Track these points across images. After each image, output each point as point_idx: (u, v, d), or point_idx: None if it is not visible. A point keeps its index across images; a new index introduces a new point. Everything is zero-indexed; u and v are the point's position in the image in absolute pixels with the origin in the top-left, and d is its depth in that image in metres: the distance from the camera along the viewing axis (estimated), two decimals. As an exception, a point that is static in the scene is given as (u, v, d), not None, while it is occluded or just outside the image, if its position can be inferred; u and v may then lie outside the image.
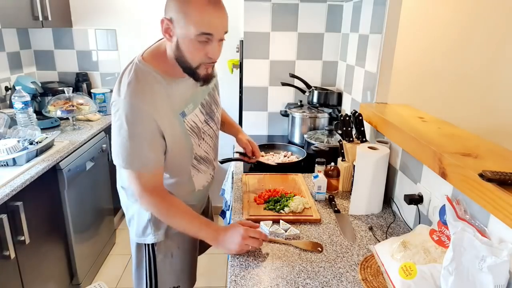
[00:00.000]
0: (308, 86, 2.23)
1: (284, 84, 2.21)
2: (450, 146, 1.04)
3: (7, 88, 2.42)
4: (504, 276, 0.80)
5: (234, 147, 2.14)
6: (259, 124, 2.38)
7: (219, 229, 1.15)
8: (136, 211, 1.31)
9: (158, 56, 1.13)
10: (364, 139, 1.52)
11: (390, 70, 1.60)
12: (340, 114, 1.95)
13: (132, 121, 1.05)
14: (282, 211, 1.34)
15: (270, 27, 2.19)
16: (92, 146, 2.22)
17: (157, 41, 1.20)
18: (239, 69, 2.34)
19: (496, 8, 2.19)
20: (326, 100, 2.18)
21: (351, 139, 1.52)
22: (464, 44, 2.24)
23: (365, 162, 1.33)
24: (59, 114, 2.28)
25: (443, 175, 0.98)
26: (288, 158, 1.86)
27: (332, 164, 1.56)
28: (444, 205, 0.99)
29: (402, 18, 1.53)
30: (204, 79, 1.13)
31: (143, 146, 1.09)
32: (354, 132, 1.55)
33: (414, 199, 1.21)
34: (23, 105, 2.03)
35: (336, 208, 1.39)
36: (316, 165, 1.58)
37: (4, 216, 1.45)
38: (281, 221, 1.27)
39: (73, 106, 2.31)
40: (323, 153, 1.72)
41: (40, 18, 2.25)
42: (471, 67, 2.28)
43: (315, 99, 2.19)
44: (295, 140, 2.19)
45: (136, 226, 1.32)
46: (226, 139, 2.08)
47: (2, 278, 1.48)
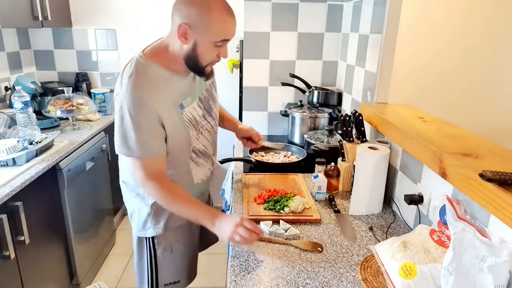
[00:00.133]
0: (308, 86, 2.23)
1: (284, 84, 2.21)
2: (450, 146, 1.04)
3: (7, 88, 2.41)
4: (504, 276, 0.80)
5: (234, 147, 2.14)
6: (259, 124, 2.38)
7: (218, 214, 1.18)
8: (136, 205, 1.36)
9: (158, 52, 1.20)
10: (364, 139, 1.52)
11: (390, 70, 1.60)
12: (340, 114, 1.94)
13: (134, 111, 1.11)
14: (282, 211, 1.34)
15: (270, 27, 2.19)
16: (92, 146, 2.22)
17: (156, 40, 1.26)
18: (239, 69, 2.34)
19: (496, 7, 2.19)
20: (326, 100, 2.18)
21: (351, 139, 1.52)
22: (464, 43, 2.23)
23: (365, 162, 1.33)
24: (59, 114, 2.28)
25: (443, 175, 0.98)
26: (288, 158, 1.86)
27: (332, 164, 1.56)
28: (444, 205, 0.99)
29: (402, 18, 1.53)
30: (208, 75, 1.24)
31: (146, 135, 1.14)
32: (354, 132, 1.55)
33: (414, 199, 1.21)
34: (23, 105, 2.03)
35: (336, 208, 1.39)
36: (316, 165, 1.58)
37: (4, 216, 1.44)
38: (281, 221, 1.27)
39: (73, 106, 2.31)
40: (323, 153, 1.72)
41: (40, 18, 2.25)
42: (471, 67, 2.28)
43: (315, 99, 2.19)
44: (295, 140, 2.19)
45: (137, 220, 1.36)
46: (226, 139, 2.08)
47: (2, 278, 1.48)
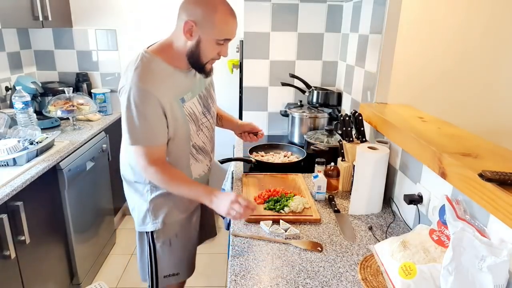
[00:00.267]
0: (308, 86, 2.23)
1: (284, 84, 2.21)
2: (450, 146, 1.04)
3: (7, 88, 2.42)
4: (503, 276, 0.80)
5: (234, 147, 2.14)
6: (259, 124, 2.35)
7: (215, 192, 1.27)
8: (136, 202, 1.42)
9: (163, 49, 1.28)
10: (364, 139, 1.52)
11: (390, 70, 1.60)
12: (340, 114, 1.95)
13: (140, 101, 1.18)
14: (282, 211, 1.34)
15: (270, 27, 2.19)
16: (92, 146, 2.22)
17: (160, 40, 1.32)
18: (239, 69, 2.34)
19: (497, 8, 2.19)
20: (326, 100, 2.18)
21: (351, 139, 1.53)
22: (464, 43, 2.23)
23: (365, 162, 1.33)
24: (59, 114, 2.28)
25: (443, 175, 0.98)
26: (288, 158, 1.86)
27: (332, 164, 1.56)
28: (443, 205, 0.99)
29: (402, 18, 1.53)
30: (207, 73, 1.31)
31: (150, 124, 1.21)
32: (354, 132, 1.55)
33: (414, 199, 1.22)
34: (23, 105, 2.03)
35: (336, 208, 1.40)
36: (316, 165, 1.59)
37: (4, 216, 1.45)
38: (281, 221, 1.27)
39: (73, 106, 2.31)
40: (323, 153, 1.72)
41: (40, 18, 2.25)
42: (471, 67, 2.28)
43: (315, 99, 2.19)
44: (295, 140, 2.20)
45: (137, 216, 1.43)
46: (226, 139, 2.08)
47: (2, 278, 1.48)
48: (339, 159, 1.59)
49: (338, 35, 2.24)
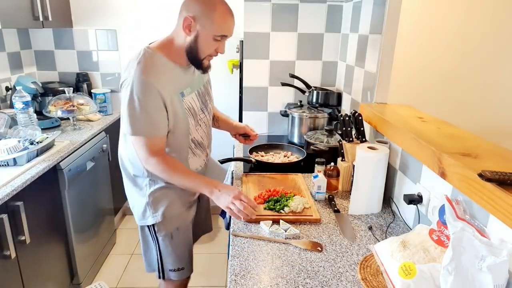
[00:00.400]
0: (308, 86, 2.23)
1: (284, 84, 2.21)
2: (450, 146, 1.04)
3: (7, 88, 2.42)
4: (503, 276, 0.80)
5: (234, 147, 2.14)
6: (259, 124, 2.38)
7: (217, 184, 1.32)
8: (135, 196, 1.46)
9: (164, 45, 1.33)
10: (363, 139, 1.52)
11: (390, 70, 1.60)
12: (340, 114, 1.95)
13: (142, 94, 1.22)
14: (282, 210, 1.34)
15: (270, 27, 2.19)
16: (92, 146, 2.22)
17: (161, 37, 1.37)
18: (239, 69, 2.34)
19: (497, 8, 2.20)
20: (326, 100, 2.18)
21: (351, 139, 1.53)
22: (464, 44, 2.24)
23: (364, 162, 1.33)
24: (59, 114, 2.28)
25: (443, 175, 0.98)
26: (288, 158, 1.87)
27: (332, 164, 1.56)
28: (443, 205, 0.99)
29: (402, 18, 1.53)
30: (205, 68, 1.36)
31: (152, 116, 1.25)
32: (353, 132, 1.55)
33: (414, 199, 1.22)
34: (23, 105, 2.04)
35: (335, 208, 1.40)
36: (316, 165, 1.59)
37: (4, 216, 1.45)
38: (281, 221, 1.27)
39: (73, 106, 2.31)
40: (322, 153, 1.72)
41: (41, 18, 2.25)
42: (471, 67, 2.29)
43: (315, 99, 2.19)
44: (295, 140, 2.20)
45: (137, 211, 1.46)
46: (226, 139, 2.08)
47: (2, 278, 1.48)
48: (339, 159, 1.60)
49: (338, 35, 2.24)
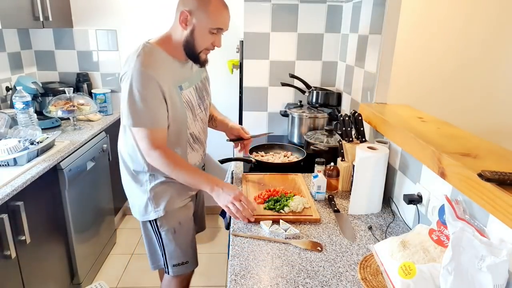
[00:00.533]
0: (308, 86, 2.24)
1: (284, 84, 2.22)
2: (450, 146, 1.04)
3: (8, 88, 2.42)
4: (503, 275, 0.80)
5: (234, 146, 2.14)
6: (259, 124, 2.38)
7: (218, 182, 1.34)
8: (136, 192, 1.46)
9: (162, 41, 1.36)
10: (363, 139, 1.52)
11: (390, 70, 1.60)
12: (339, 114, 1.95)
13: (142, 85, 1.24)
14: (282, 210, 1.34)
15: (270, 28, 2.19)
16: (92, 146, 2.23)
17: (160, 33, 1.40)
18: (239, 69, 2.34)
19: (496, 8, 2.20)
20: (326, 100, 2.19)
21: (351, 139, 1.53)
22: (463, 44, 2.24)
23: (364, 162, 1.33)
24: (60, 114, 2.28)
25: (442, 175, 0.99)
26: (288, 158, 1.87)
27: (332, 164, 1.56)
28: (443, 204, 0.99)
29: (402, 18, 1.54)
30: (202, 62, 1.39)
31: (152, 106, 1.27)
32: (353, 132, 1.55)
33: (414, 199, 1.22)
34: (24, 105, 2.04)
35: (335, 208, 1.40)
36: (315, 165, 1.59)
37: (5, 216, 1.45)
38: (281, 220, 1.27)
39: (73, 106, 2.32)
40: (322, 153, 1.73)
41: (41, 19, 2.25)
42: (470, 67, 2.29)
43: (315, 99, 2.19)
44: (295, 140, 2.20)
45: (138, 207, 1.47)
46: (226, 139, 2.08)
47: (3, 278, 1.49)
48: (339, 159, 1.60)
49: (337, 35, 2.24)
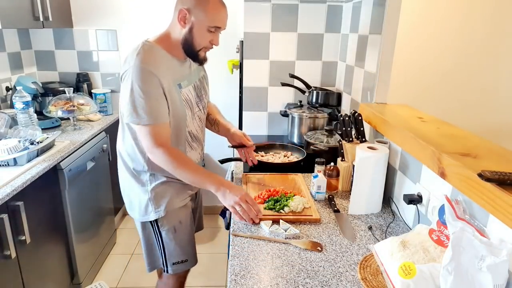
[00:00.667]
0: (308, 86, 2.24)
1: (284, 84, 2.22)
2: (449, 146, 1.04)
3: (8, 88, 2.42)
4: (503, 275, 0.80)
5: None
6: (259, 124, 2.38)
7: (224, 182, 1.32)
8: (136, 192, 1.45)
9: (161, 39, 1.37)
10: (363, 139, 1.52)
11: (390, 70, 1.60)
12: (339, 114, 1.95)
13: (142, 81, 1.24)
14: (282, 210, 1.34)
15: (270, 28, 2.19)
16: (93, 146, 2.23)
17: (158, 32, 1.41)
18: (239, 69, 2.34)
19: (496, 8, 2.20)
20: (326, 100, 2.19)
21: (351, 139, 1.53)
22: (463, 44, 2.24)
23: (364, 162, 1.33)
24: (60, 114, 2.28)
25: (442, 175, 0.99)
26: (288, 158, 1.87)
27: (332, 164, 1.56)
28: (443, 204, 0.99)
29: (402, 18, 1.54)
30: (201, 60, 1.40)
31: (154, 102, 1.27)
32: (353, 132, 1.55)
33: (413, 199, 1.22)
34: (24, 105, 2.04)
35: (335, 208, 1.40)
36: (315, 165, 1.59)
37: (5, 216, 1.45)
38: (281, 220, 1.27)
39: (73, 106, 2.32)
40: (322, 153, 1.73)
41: (41, 19, 2.25)
42: (470, 67, 2.29)
43: (315, 99, 2.19)
44: (295, 140, 2.20)
45: (138, 207, 1.45)
46: (226, 139, 2.08)
47: (2, 278, 1.49)
48: (339, 159, 1.60)
49: (337, 35, 2.24)
